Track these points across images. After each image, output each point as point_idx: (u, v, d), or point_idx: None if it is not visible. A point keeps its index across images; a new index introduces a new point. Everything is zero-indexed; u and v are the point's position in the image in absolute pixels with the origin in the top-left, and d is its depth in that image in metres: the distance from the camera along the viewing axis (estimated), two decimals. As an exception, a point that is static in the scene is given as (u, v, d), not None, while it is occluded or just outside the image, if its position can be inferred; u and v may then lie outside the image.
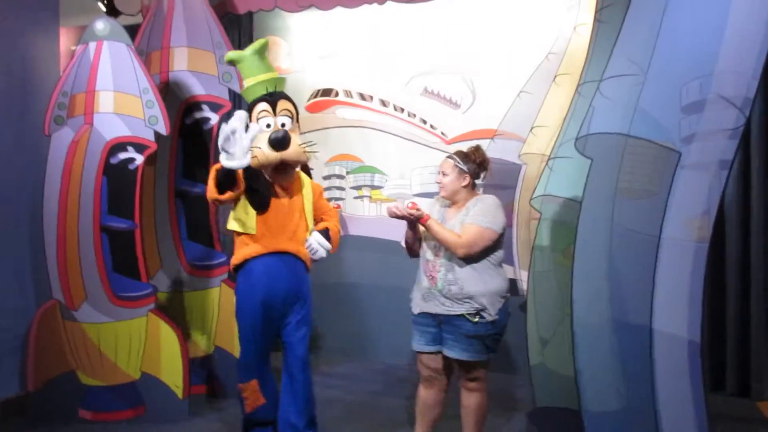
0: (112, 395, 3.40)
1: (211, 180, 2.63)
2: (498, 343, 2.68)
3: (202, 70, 3.67)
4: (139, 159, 3.38)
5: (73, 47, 3.69)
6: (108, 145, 3.35)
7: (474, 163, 2.69)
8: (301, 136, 2.89)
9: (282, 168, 2.80)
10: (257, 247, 2.82)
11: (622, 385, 2.43)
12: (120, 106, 3.36)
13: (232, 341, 3.53)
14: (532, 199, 3.26)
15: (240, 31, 4.80)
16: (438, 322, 2.65)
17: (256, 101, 2.82)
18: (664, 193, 2.36)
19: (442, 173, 2.73)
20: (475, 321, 2.57)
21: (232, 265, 2.89)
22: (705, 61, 2.31)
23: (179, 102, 3.69)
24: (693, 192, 2.32)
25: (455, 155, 2.72)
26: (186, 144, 3.76)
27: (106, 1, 3.97)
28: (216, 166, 2.63)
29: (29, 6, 3.71)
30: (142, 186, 3.46)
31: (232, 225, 2.85)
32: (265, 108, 2.80)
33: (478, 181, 2.74)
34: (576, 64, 3.34)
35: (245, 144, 2.46)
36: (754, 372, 3.70)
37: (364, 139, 4.69)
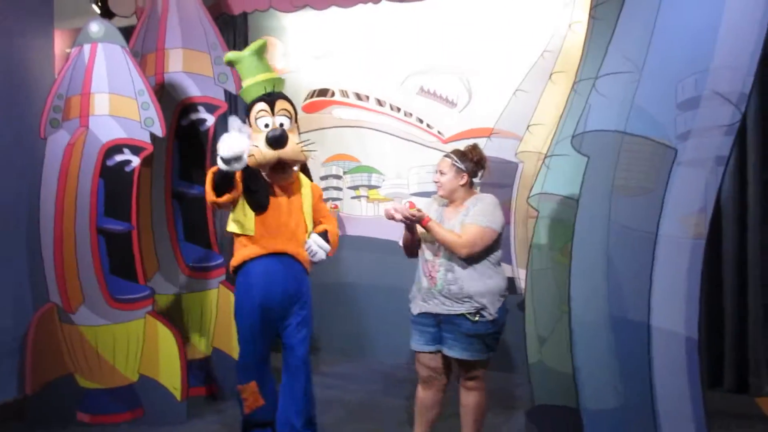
0: (110, 398, 3.40)
1: (209, 183, 2.64)
2: (497, 341, 2.68)
3: (197, 72, 3.66)
4: (136, 161, 3.38)
5: (67, 50, 3.68)
6: (104, 147, 3.35)
7: (471, 161, 2.69)
8: (299, 136, 2.89)
9: (280, 167, 2.80)
10: (256, 248, 2.81)
11: (620, 382, 2.44)
12: (115, 108, 3.36)
13: (231, 343, 3.53)
14: (529, 198, 3.25)
15: (235, 31, 4.78)
16: (437, 321, 2.65)
17: (254, 101, 2.82)
18: (661, 190, 2.35)
19: (439, 172, 2.73)
20: (475, 320, 2.57)
21: (232, 267, 2.89)
22: (700, 58, 2.31)
23: (175, 103, 3.68)
24: (689, 189, 2.32)
25: (453, 154, 2.72)
26: (182, 145, 3.75)
27: (100, 3, 3.97)
28: (213, 169, 2.63)
29: (23, 9, 3.70)
30: (139, 188, 3.45)
31: (231, 227, 2.85)
32: (264, 108, 2.80)
33: (475, 180, 2.74)
34: (572, 62, 3.34)
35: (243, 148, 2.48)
36: (751, 368, 3.69)
37: (361, 139, 4.68)
